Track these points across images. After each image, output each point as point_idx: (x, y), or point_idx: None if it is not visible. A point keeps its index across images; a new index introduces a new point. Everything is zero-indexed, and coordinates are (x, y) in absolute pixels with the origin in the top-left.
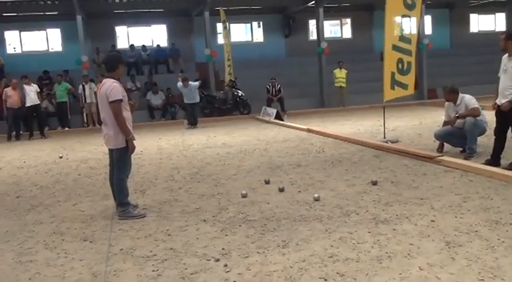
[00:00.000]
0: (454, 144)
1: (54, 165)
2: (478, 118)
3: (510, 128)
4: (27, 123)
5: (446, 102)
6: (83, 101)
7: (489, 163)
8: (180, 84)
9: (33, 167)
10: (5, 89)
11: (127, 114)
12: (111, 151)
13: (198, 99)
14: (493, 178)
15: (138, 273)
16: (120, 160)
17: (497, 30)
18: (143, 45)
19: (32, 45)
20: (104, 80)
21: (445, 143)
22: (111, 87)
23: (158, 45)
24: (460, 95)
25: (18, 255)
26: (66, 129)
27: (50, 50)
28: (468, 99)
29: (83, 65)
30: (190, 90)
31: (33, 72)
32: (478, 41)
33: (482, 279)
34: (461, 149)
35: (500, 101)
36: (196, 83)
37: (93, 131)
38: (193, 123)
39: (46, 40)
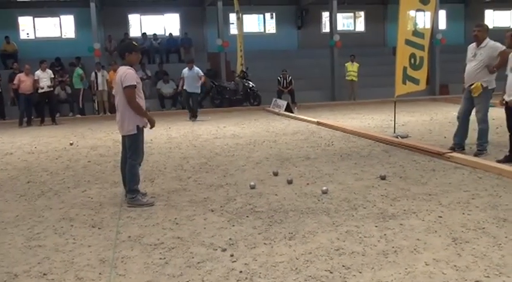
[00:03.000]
0: None
1: (64, 152)
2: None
3: None
4: (38, 109)
5: (470, 45)
6: (95, 89)
7: (508, 160)
8: (185, 69)
9: (43, 153)
10: (18, 75)
11: (141, 101)
12: (124, 138)
13: (198, 90)
14: (502, 176)
15: (146, 261)
16: (132, 147)
17: None
18: (154, 34)
19: (45, 31)
20: (120, 68)
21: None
22: (125, 73)
23: (170, 34)
24: (487, 39)
25: (28, 240)
26: (78, 116)
27: (63, 37)
28: (493, 44)
29: (95, 52)
30: (192, 76)
31: (45, 59)
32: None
33: (488, 276)
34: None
35: (509, 97)
36: (199, 70)
37: (104, 118)
38: (192, 116)
39: (59, 27)
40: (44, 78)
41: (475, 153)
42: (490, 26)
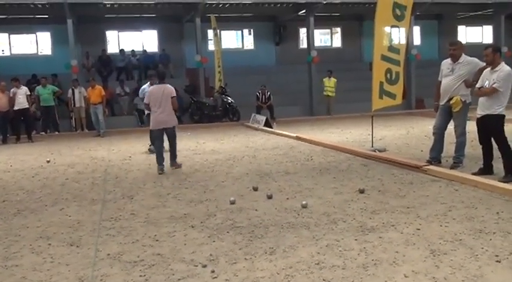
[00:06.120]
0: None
1: (41, 170)
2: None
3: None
4: (14, 127)
5: (444, 61)
6: (72, 105)
7: (482, 172)
8: (144, 86)
9: (19, 171)
10: None
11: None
12: (163, 130)
13: None
14: (478, 188)
15: (125, 278)
16: (175, 133)
17: (484, 42)
18: (132, 50)
19: (21, 48)
20: (163, 85)
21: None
22: (172, 88)
23: (145, 51)
24: (463, 54)
25: (4, 260)
26: (56, 133)
27: (39, 54)
28: (471, 59)
29: (72, 69)
30: None
31: (21, 76)
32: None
33: None
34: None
35: (480, 112)
36: None
37: (81, 135)
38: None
39: (36, 43)
40: (20, 95)
41: (452, 166)
42: (463, 42)
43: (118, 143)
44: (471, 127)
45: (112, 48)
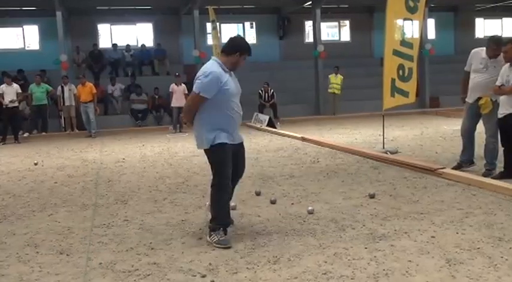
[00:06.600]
0: None
1: (28, 173)
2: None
3: None
4: (0, 128)
5: (476, 50)
6: (62, 104)
7: (502, 176)
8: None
9: (5, 174)
10: None
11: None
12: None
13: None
14: (497, 192)
15: None
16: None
17: (504, 35)
18: (127, 45)
19: (7, 42)
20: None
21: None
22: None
23: (143, 45)
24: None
25: None
26: (43, 133)
27: (27, 48)
28: (501, 57)
29: (61, 64)
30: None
31: (7, 72)
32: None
33: None
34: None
35: (503, 111)
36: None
37: (71, 135)
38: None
39: (22, 37)
40: (10, 93)
41: (484, 173)
42: (481, 35)
43: (111, 143)
44: None
45: (104, 42)
